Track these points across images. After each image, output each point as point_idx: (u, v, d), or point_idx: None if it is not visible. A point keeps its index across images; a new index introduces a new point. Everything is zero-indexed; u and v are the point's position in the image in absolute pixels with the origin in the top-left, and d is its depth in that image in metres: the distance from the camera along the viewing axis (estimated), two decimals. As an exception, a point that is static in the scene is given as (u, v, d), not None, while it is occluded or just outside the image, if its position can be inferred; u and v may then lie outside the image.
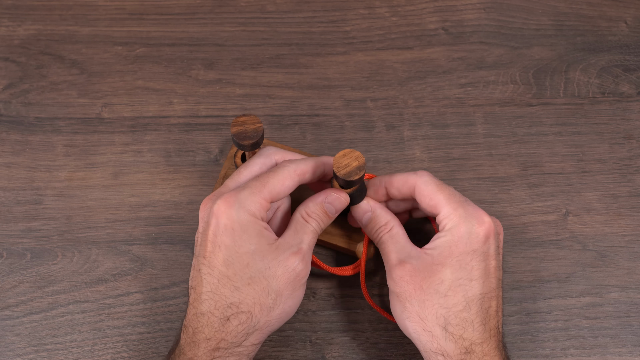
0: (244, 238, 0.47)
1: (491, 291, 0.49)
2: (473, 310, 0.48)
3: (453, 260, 0.49)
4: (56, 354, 0.55)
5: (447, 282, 0.48)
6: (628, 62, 0.67)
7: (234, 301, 0.46)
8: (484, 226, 0.49)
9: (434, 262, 0.49)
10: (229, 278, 0.47)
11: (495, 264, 0.50)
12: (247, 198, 0.48)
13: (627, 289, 0.58)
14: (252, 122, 0.52)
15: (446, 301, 0.48)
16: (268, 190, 0.49)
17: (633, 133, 0.64)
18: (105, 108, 0.64)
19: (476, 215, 0.49)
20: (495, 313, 0.49)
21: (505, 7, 0.70)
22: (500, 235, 0.51)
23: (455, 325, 0.48)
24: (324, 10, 0.70)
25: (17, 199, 0.60)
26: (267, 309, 0.47)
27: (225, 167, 0.60)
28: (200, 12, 0.69)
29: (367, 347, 0.56)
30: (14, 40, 0.67)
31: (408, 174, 0.52)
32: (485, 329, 0.48)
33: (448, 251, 0.49)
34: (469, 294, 0.48)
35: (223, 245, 0.47)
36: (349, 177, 0.49)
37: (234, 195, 0.48)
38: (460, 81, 0.66)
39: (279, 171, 0.50)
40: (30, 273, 0.58)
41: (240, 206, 0.47)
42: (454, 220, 0.49)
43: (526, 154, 0.63)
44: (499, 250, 0.51)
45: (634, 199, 0.61)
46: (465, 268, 0.48)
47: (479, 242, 0.49)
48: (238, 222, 0.47)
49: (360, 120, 0.64)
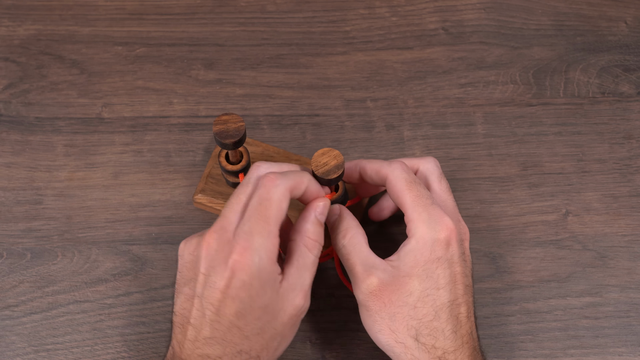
0: (260, 293, 0.46)
1: (458, 298, 0.48)
2: (443, 318, 0.47)
3: (419, 270, 0.48)
4: (56, 354, 0.55)
5: (416, 294, 0.48)
6: (628, 62, 0.67)
7: (243, 348, 0.46)
8: (447, 232, 0.48)
9: (400, 274, 0.48)
10: (239, 328, 0.45)
11: (460, 269, 0.49)
12: (262, 246, 0.45)
13: (627, 289, 0.58)
14: (234, 121, 0.52)
15: (416, 312, 0.47)
16: (274, 225, 0.46)
17: (633, 133, 0.64)
18: (105, 108, 0.64)
19: (439, 221, 0.48)
20: (467, 319, 0.48)
21: (505, 7, 0.70)
22: (464, 242, 0.50)
23: (426, 335, 0.47)
24: (324, 10, 0.70)
25: (17, 199, 0.60)
26: (273, 350, 0.47)
27: (209, 166, 0.60)
28: (200, 12, 0.69)
29: (367, 347, 0.56)
30: (14, 40, 0.67)
31: (382, 164, 0.51)
32: (456, 336, 0.47)
33: (414, 261, 0.48)
34: (437, 302, 0.48)
35: (238, 299, 0.45)
36: (327, 175, 0.49)
37: (249, 247, 0.45)
38: (460, 81, 0.66)
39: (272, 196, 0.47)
40: (30, 273, 0.58)
41: (259, 259, 0.45)
42: (418, 227, 0.49)
43: (526, 154, 0.63)
44: (465, 257, 0.50)
45: (634, 199, 0.61)
46: (432, 277, 0.48)
47: (443, 249, 0.48)
48: (258, 277, 0.45)
49: (360, 120, 0.64)
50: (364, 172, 0.53)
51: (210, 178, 0.59)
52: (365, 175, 0.53)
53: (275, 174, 0.48)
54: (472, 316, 0.49)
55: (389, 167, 0.51)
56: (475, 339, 0.49)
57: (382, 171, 0.51)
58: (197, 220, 0.60)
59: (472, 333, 0.49)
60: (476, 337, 0.49)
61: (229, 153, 0.56)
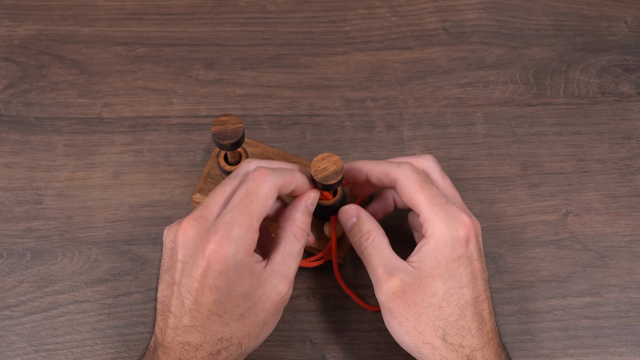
0: (237, 282, 0.46)
1: (481, 294, 0.49)
2: (468, 317, 0.48)
3: (442, 270, 0.48)
4: (56, 354, 0.55)
5: (440, 294, 0.48)
6: (628, 62, 0.67)
7: (224, 335, 0.46)
8: (465, 229, 0.48)
9: (422, 275, 0.48)
10: (218, 316, 0.46)
11: (479, 266, 0.49)
12: (240, 238, 0.45)
13: (627, 289, 0.58)
14: (233, 122, 0.52)
15: (441, 312, 0.47)
16: (256, 220, 0.46)
17: (633, 133, 0.64)
18: (105, 108, 0.64)
19: (457, 219, 0.48)
20: (490, 315, 0.49)
21: (505, 7, 0.70)
22: (479, 238, 0.50)
23: (453, 334, 0.47)
24: (324, 10, 0.70)
25: (17, 199, 0.60)
26: (255, 337, 0.47)
27: (209, 166, 0.60)
28: (200, 12, 0.69)
29: (367, 347, 0.56)
30: (14, 40, 0.67)
31: (390, 165, 0.51)
32: (482, 333, 0.48)
33: (435, 261, 0.48)
34: (462, 301, 0.48)
35: (215, 288, 0.45)
36: (326, 180, 0.49)
37: (226, 238, 0.45)
38: (460, 81, 0.66)
39: (259, 191, 0.47)
40: (30, 273, 0.58)
41: (235, 251, 0.45)
42: (435, 226, 0.48)
43: (526, 154, 0.63)
44: (481, 252, 0.50)
45: (634, 199, 0.61)
46: (454, 276, 0.48)
47: (463, 247, 0.48)
48: (233, 267, 0.45)
49: (360, 120, 0.64)
50: (371, 174, 0.52)
51: (209, 178, 0.59)
52: (372, 177, 0.52)
53: (267, 169, 0.48)
54: (493, 312, 0.49)
55: (399, 169, 0.50)
56: (498, 334, 0.49)
57: (391, 173, 0.51)
58: (197, 220, 0.60)
59: (495, 329, 0.49)
60: (498, 332, 0.49)
61: (228, 154, 0.56)
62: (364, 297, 0.57)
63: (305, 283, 0.58)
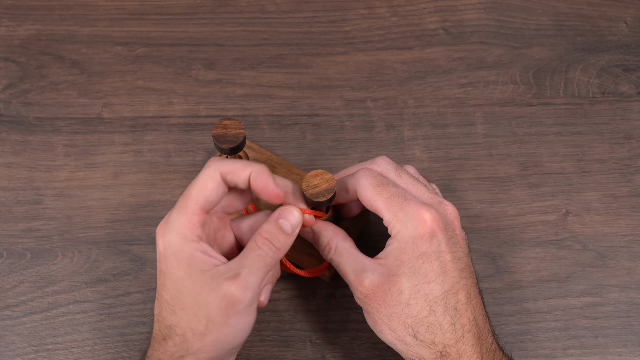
0: (174, 264, 0.46)
1: (454, 285, 0.47)
2: (438, 312, 0.47)
3: (405, 268, 0.47)
4: (56, 354, 0.55)
5: (407, 292, 0.47)
6: (628, 62, 0.67)
7: (171, 323, 0.46)
8: (427, 225, 0.47)
9: (389, 274, 0.48)
10: (167, 302, 0.46)
11: (450, 257, 0.48)
12: (175, 220, 0.46)
13: (627, 289, 0.58)
14: (235, 127, 0.52)
15: (410, 310, 0.47)
16: (193, 202, 0.46)
17: (633, 133, 0.64)
18: (105, 108, 0.64)
19: (416, 216, 0.48)
20: (466, 305, 0.47)
21: (505, 7, 0.70)
22: (454, 224, 0.49)
23: (424, 332, 0.47)
24: (324, 10, 0.70)
25: (17, 199, 0.60)
26: (200, 334, 0.46)
27: None
28: (200, 12, 0.69)
29: (367, 347, 0.56)
30: (14, 40, 0.67)
31: (348, 178, 0.51)
32: (455, 328, 0.47)
33: (399, 260, 0.48)
34: (430, 297, 0.47)
35: (161, 272, 0.47)
36: (316, 197, 0.49)
37: (165, 220, 0.47)
38: (460, 81, 0.66)
39: (199, 176, 0.47)
40: (30, 273, 0.58)
41: (169, 230, 0.46)
42: (396, 227, 0.48)
43: (526, 154, 0.63)
44: (456, 239, 0.49)
45: (634, 199, 0.61)
46: (419, 272, 0.47)
47: (425, 244, 0.47)
48: (169, 248, 0.46)
49: (360, 120, 0.64)
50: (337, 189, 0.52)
51: None
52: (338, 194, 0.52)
53: (217, 158, 0.48)
54: (474, 299, 0.48)
55: (354, 179, 0.50)
56: (481, 323, 0.48)
57: (350, 185, 0.50)
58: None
59: (476, 318, 0.48)
60: (482, 320, 0.48)
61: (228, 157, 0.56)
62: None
63: (305, 283, 0.58)
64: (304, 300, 0.57)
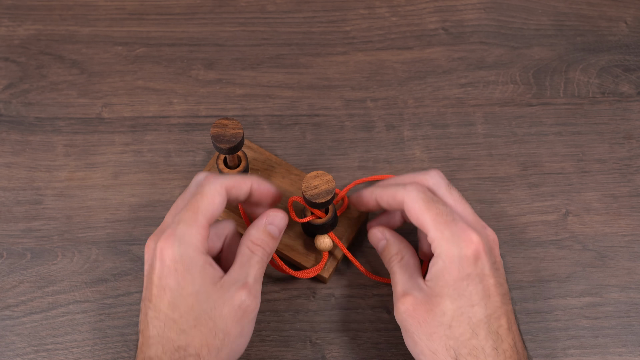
0: (187, 279, 0.45)
1: (496, 310, 0.47)
2: (481, 336, 0.46)
3: (450, 289, 0.47)
4: (56, 354, 0.55)
5: (449, 313, 0.47)
6: (628, 62, 0.67)
7: (181, 344, 0.45)
8: (473, 246, 0.47)
9: (433, 294, 0.48)
10: (174, 321, 0.45)
11: (494, 281, 0.48)
12: (185, 233, 0.46)
13: (627, 289, 0.58)
14: (233, 127, 0.52)
15: (452, 332, 0.47)
16: (202, 215, 0.47)
17: (633, 133, 0.64)
18: (105, 108, 0.64)
19: (463, 237, 0.48)
20: (508, 331, 0.47)
21: (505, 7, 0.70)
22: (494, 250, 0.50)
23: (466, 354, 0.46)
24: (324, 10, 0.70)
25: (17, 199, 0.60)
26: (215, 350, 0.45)
27: (209, 166, 0.60)
28: (200, 12, 0.69)
29: (367, 347, 0.56)
30: (14, 40, 0.67)
31: (397, 188, 0.51)
32: (497, 352, 0.46)
33: (443, 281, 0.47)
34: (474, 320, 0.47)
35: (167, 287, 0.45)
36: (315, 199, 0.49)
37: (172, 233, 0.46)
38: (460, 81, 0.66)
39: (205, 191, 0.48)
40: (30, 273, 0.58)
41: (180, 243, 0.46)
42: (442, 245, 0.48)
43: (526, 154, 0.63)
44: (497, 265, 0.49)
45: (634, 199, 0.61)
46: (464, 295, 0.47)
47: (471, 265, 0.47)
48: (180, 261, 0.46)
49: (360, 120, 0.64)
50: (380, 199, 0.52)
51: None
52: (382, 202, 0.52)
53: (214, 174, 0.49)
54: (513, 326, 0.48)
55: (405, 191, 0.50)
56: (520, 350, 0.47)
57: (397, 196, 0.50)
58: (197, 220, 0.60)
59: (516, 344, 0.47)
60: (521, 347, 0.48)
61: (227, 157, 0.56)
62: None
63: (305, 283, 0.58)
64: (304, 300, 0.57)
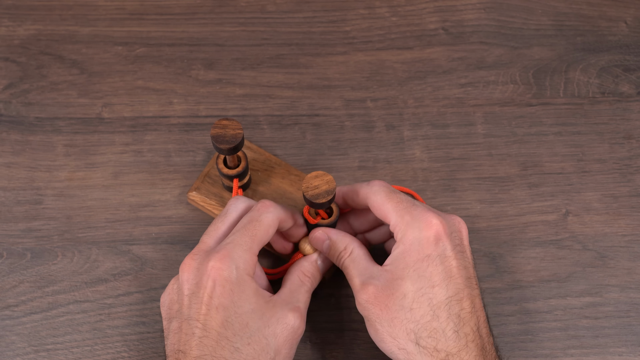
0: (242, 298, 0.46)
1: (458, 292, 0.47)
2: (442, 317, 0.46)
3: (410, 271, 0.47)
4: (56, 354, 0.55)
5: (410, 295, 0.47)
6: (628, 62, 0.67)
7: None
8: (433, 229, 0.48)
9: (393, 278, 0.48)
10: (228, 339, 0.45)
11: (456, 263, 0.48)
12: (240, 257, 0.47)
13: (627, 289, 0.58)
14: (233, 128, 0.52)
15: (413, 315, 0.47)
16: (257, 243, 0.48)
17: (633, 133, 0.64)
18: (105, 108, 0.64)
19: (423, 219, 0.48)
20: (470, 314, 0.47)
21: (505, 7, 0.70)
22: (460, 232, 0.50)
23: (426, 337, 0.46)
24: (324, 10, 0.70)
25: (17, 199, 0.60)
26: None
27: (209, 166, 0.60)
28: (200, 12, 0.69)
29: (367, 347, 0.56)
30: (14, 40, 0.67)
31: (361, 185, 0.52)
32: (458, 336, 0.46)
33: (403, 263, 0.48)
34: (434, 301, 0.46)
35: (221, 307, 0.45)
36: (316, 199, 0.49)
37: (227, 255, 0.47)
38: (460, 81, 0.66)
39: (262, 219, 0.49)
40: (30, 273, 0.58)
41: (236, 266, 0.47)
42: (402, 229, 0.49)
43: (526, 154, 0.63)
44: (461, 248, 0.49)
45: (634, 199, 0.62)
46: (424, 275, 0.47)
47: (431, 246, 0.48)
48: (236, 282, 0.46)
49: (360, 120, 0.64)
50: (346, 196, 0.53)
51: (208, 178, 0.59)
52: (347, 199, 0.53)
53: (270, 201, 0.51)
54: (478, 310, 0.47)
55: (368, 186, 0.52)
56: (485, 335, 0.47)
57: (362, 191, 0.52)
58: (197, 220, 0.60)
59: (480, 329, 0.47)
60: (486, 332, 0.47)
61: (227, 157, 0.56)
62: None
63: (305, 283, 0.58)
64: (304, 300, 0.57)
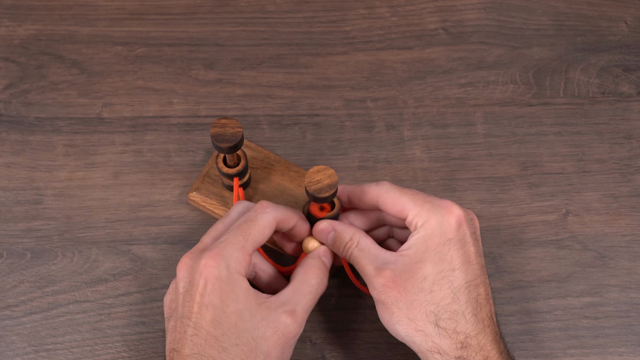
0: (231, 297, 0.46)
1: (476, 278, 0.48)
2: (462, 300, 0.47)
3: (431, 254, 0.48)
4: (56, 354, 0.55)
5: (431, 277, 0.47)
6: (628, 62, 0.67)
7: None
8: (454, 214, 0.49)
9: (412, 261, 0.48)
10: (216, 339, 0.45)
11: (474, 249, 0.49)
12: (231, 255, 0.47)
13: (627, 289, 0.58)
14: (233, 126, 0.52)
15: (433, 297, 0.47)
16: (250, 243, 0.48)
17: (633, 133, 0.64)
18: (105, 108, 0.64)
19: (444, 206, 0.49)
20: (486, 301, 0.48)
21: (505, 7, 0.70)
22: (474, 221, 0.50)
23: (446, 319, 0.46)
24: (324, 10, 0.70)
25: (17, 199, 0.60)
26: None
27: (209, 166, 0.60)
28: (200, 12, 0.69)
29: (367, 347, 0.56)
30: (14, 40, 0.67)
31: (370, 185, 0.52)
32: (477, 319, 0.47)
33: (424, 246, 0.48)
34: (455, 284, 0.47)
35: (211, 305, 0.45)
36: (318, 193, 0.49)
37: (218, 253, 0.46)
38: (460, 81, 0.66)
39: (257, 219, 0.49)
40: (30, 273, 0.58)
41: (226, 264, 0.46)
42: (423, 216, 0.49)
43: (526, 154, 0.63)
44: (476, 236, 0.50)
45: (634, 199, 0.62)
46: (445, 259, 0.48)
47: (453, 231, 0.48)
48: (226, 281, 0.46)
49: (360, 120, 0.64)
50: (352, 195, 0.53)
51: (208, 178, 0.59)
52: (353, 198, 0.53)
53: (269, 202, 0.50)
54: (490, 298, 0.48)
55: (377, 185, 0.52)
56: (495, 323, 0.48)
57: (371, 191, 0.52)
58: (197, 220, 0.60)
59: (492, 317, 0.48)
60: (496, 321, 0.48)
61: (226, 156, 0.56)
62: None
63: (305, 283, 0.58)
64: (304, 300, 0.57)
